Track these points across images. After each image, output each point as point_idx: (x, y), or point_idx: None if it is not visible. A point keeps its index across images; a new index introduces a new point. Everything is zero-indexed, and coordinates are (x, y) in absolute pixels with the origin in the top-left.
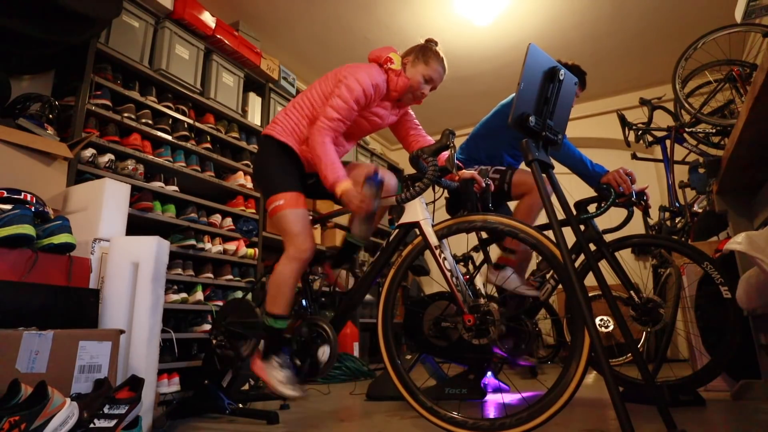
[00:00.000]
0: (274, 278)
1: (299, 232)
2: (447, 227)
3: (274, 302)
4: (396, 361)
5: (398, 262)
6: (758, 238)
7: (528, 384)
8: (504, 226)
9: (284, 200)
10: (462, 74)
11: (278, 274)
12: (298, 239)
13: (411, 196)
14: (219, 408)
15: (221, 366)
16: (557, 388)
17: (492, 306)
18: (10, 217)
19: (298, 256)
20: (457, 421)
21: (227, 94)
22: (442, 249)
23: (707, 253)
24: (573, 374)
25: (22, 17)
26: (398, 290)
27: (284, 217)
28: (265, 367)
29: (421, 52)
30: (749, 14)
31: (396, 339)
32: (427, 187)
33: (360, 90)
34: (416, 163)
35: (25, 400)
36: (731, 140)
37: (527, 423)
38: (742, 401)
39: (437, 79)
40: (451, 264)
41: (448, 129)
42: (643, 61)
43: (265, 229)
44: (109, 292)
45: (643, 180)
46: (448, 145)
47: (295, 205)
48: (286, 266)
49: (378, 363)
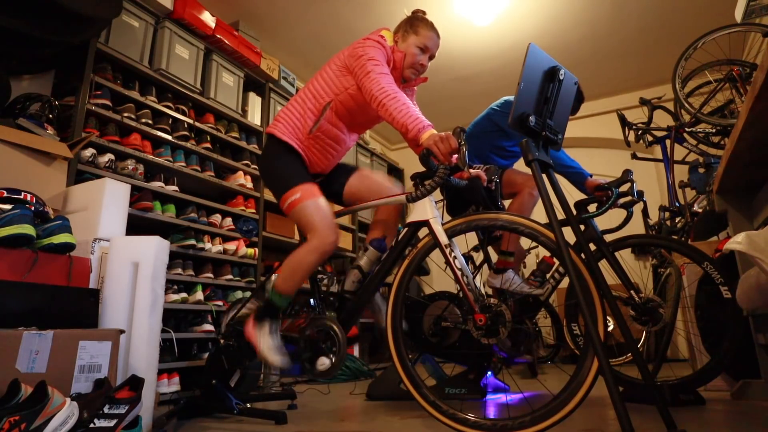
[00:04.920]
0: (292, 261)
1: (322, 222)
2: (457, 225)
3: (284, 282)
4: (403, 353)
5: (408, 259)
6: (758, 238)
7: (528, 384)
8: (518, 225)
9: (300, 193)
10: (462, 74)
11: (297, 259)
12: (322, 231)
13: (421, 195)
14: (227, 408)
15: (229, 365)
16: (567, 390)
17: (504, 307)
18: (10, 217)
19: (321, 248)
20: (459, 418)
21: (227, 94)
22: (453, 248)
23: (707, 253)
24: (586, 374)
25: (22, 17)
26: (407, 288)
27: (304, 209)
28: (257, 332)
29: (410, 23)
30: (749, 14)
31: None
32: (438, 186)
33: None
34: (426, 161)
35: (25, 400)
36: (731, 140)
37: (531, 426)
38: (742, 401)
39: (432, 47)
40: (462, 263)
41: (459, 127)
42: (643, 61)
43: (265, 229)
44: (109, 292)
45: (643, 180)
46: (460, 143)
47: (312, 196)
48: (307, 255)
49: (378, 363)
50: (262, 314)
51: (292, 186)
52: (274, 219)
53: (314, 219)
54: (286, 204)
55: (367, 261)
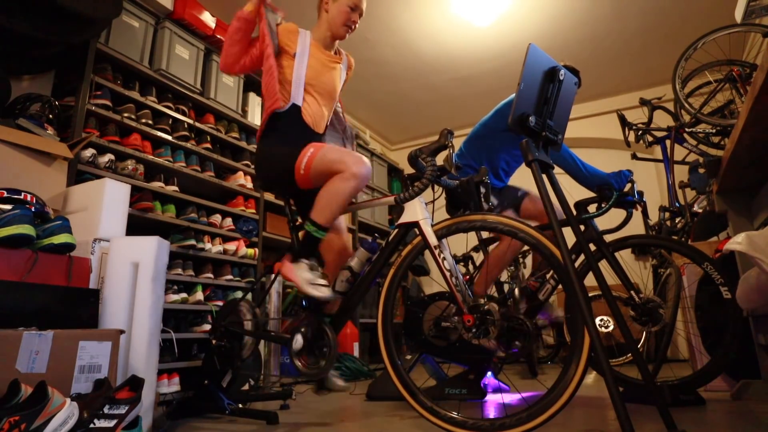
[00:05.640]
0: (328, 189)
1: (349, 155)
2: (446, 227)
3: (321, 212)
4: (396, 360)
5: (398, 262)
6: (758, 238)
7: (528, 384)
8: (504, 225)
9: (312, 148)
10: (462, 74)
11: (333, 187)
12: (353, 160)
13: (410, 196)
14: (219, 408)
15: (221, 366)
16: (557, 388)
17: (492, 306)
18: (10, 217)
19: (358, 175)
20: (456, 421)
21: (227, 94)
22: (442, 249)
23: (707, 253)
24: (573, 374)
25: (23, 17)
26: (398, 290)
27: (323, 156)
28: (294, 268)
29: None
30: (749, 14)
31: (396, 339)
32: (426, 187)
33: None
34: (415, 163)
35: (25, 400)
36: (731, 140)
37: (527, 423)
38: (742, 401)
39: (361, 4)
40: (451, 264)
41: (447, 129)
42: (643, 62)
43: (265, 230)
44: (109, 292)
45: (643, 180)
46: (446, 144)
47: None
48: (343, 182)
49: (378, 363)
50: (299, 252)
51: (301, 148)
52: (274, 219)
53: (339, 156)
54: (302, 166)
55: (358, 262)
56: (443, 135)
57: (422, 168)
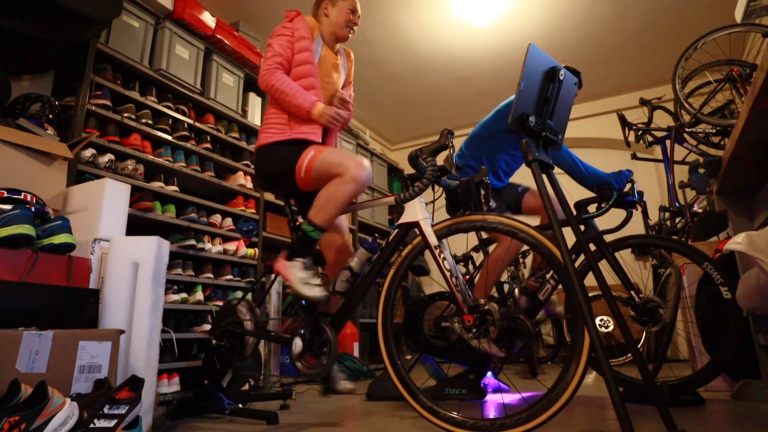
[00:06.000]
0: (327, 192)
1: (350, 157)
2: (446, 227)
3: (318, 213)
4: (396, 361)
5: (398, 262)
6: (758, 238)
7: (528, 384)
8: (504, 225)
9: (313, 151)
10: (462, 74)
11: (333, 190)
12: (350, 162)
13: (410, 196)
14: (219, 408)
15: (221, 366)
16: (557, 388)
17: (492, 306)
18: (10, 217)
19: (358, 178)
20: (456, 421)
21: (227, 94)
22: (442, 249)
23: (707, 253)
24: (573, 374)
25: (23, 17)
26: (398, 290)
27: (324, 158)
28: (289, 266)
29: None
30: (749, 14)
31: (396, 339)
32: (426, 187)
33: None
34: (415, 163)
35: (25, 400)
36: (731, 140)
37: (527, 423)
38: (742, 401)
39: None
40: (451, 264)
41: (447, 129)
42: (643, 61)
43: (265, 230)
44: (109, 292)
45: (643, 180)
46: (447, 144)
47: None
48: (343, 186)
49: (378, 363)
50: (295, 251)
51: (301, 151)
52: (274, 219)
53: (339, 159)
54: (303, 168)
55: (358, 262)
56: (443, 135)
57: (422, 168)
